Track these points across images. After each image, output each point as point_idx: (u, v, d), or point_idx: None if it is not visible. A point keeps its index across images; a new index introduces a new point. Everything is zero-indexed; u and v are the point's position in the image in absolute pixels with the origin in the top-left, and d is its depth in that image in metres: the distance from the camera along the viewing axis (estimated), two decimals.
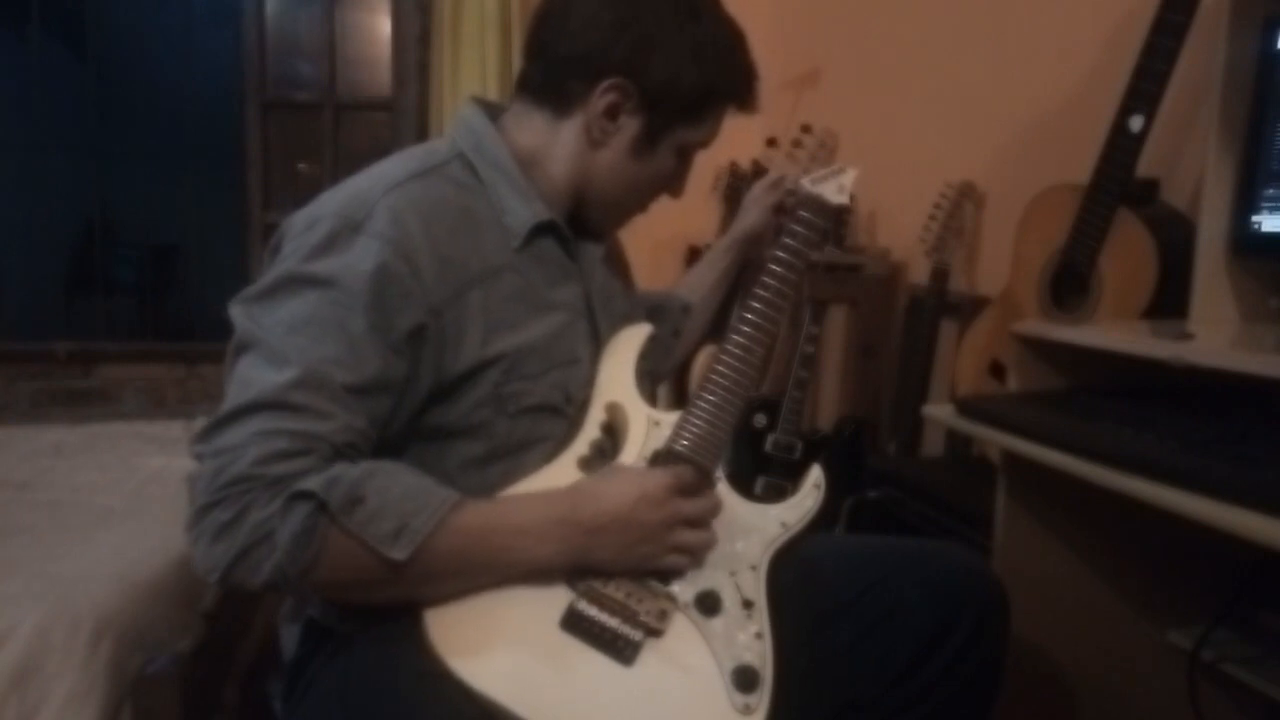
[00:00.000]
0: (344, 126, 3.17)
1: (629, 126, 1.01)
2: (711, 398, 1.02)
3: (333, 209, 0.92)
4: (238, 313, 0.90)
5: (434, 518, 0.84)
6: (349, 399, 0.87)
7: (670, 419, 1.02)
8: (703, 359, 1.13)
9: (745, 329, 1.08)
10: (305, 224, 0.92)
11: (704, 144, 1.08)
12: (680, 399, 1.07)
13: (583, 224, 1.08)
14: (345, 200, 0.93)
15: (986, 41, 2.12)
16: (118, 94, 4.76)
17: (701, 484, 0.98)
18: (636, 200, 1.09)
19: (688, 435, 1.00)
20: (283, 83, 3.18)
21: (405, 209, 0.92)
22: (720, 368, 1.05)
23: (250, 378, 0.86)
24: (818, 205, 1.14)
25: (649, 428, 1.01)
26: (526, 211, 1.01)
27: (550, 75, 1.02)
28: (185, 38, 4.78)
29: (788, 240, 1.12)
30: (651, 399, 1.08)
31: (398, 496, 0.84)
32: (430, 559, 0.84)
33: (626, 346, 1.07)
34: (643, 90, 0.99)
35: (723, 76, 1.03)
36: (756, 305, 1.09)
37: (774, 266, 1.11)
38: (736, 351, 1.06)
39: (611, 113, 1.00)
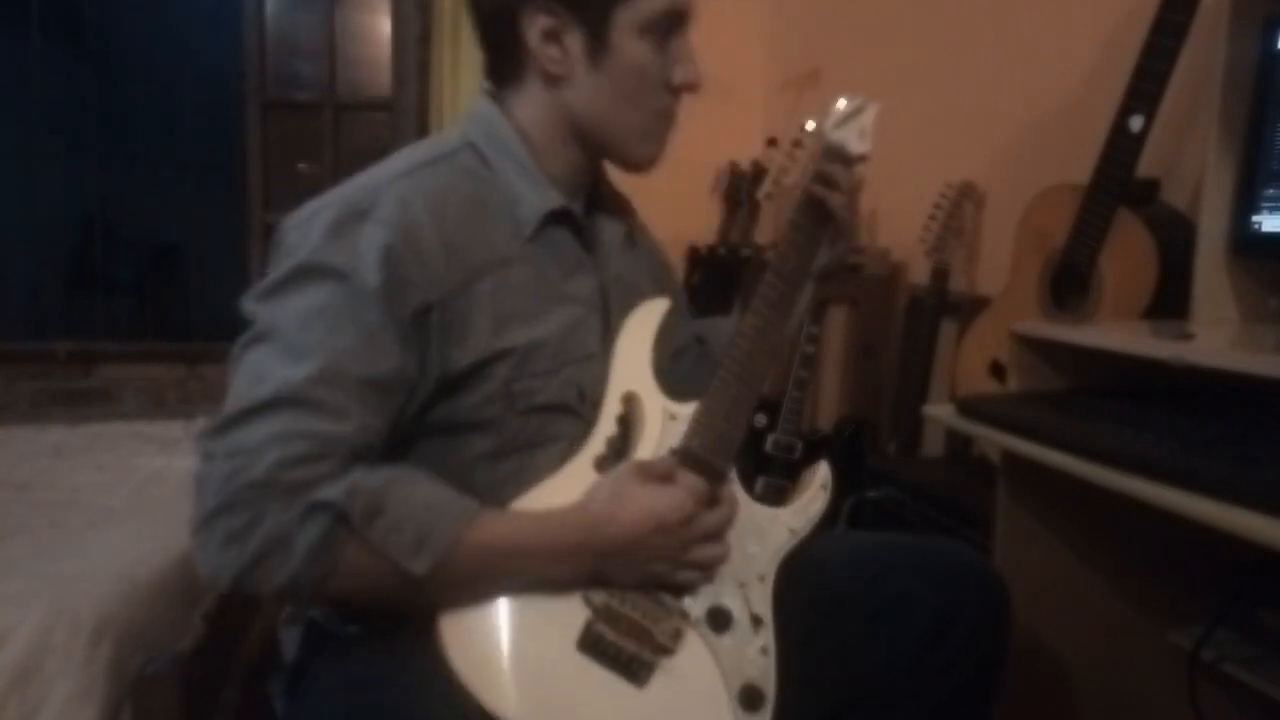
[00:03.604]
0: (344, 126, 3.16)
1: (574, 42, 0.96)
2: (729, 390, 0.98)
3: (337, 199, 0.91)
4: (251, 306, 0.88)
5: (453, 530, 0.84)
6: (366, 394, 0.85)
7: (686, 412, 0.98)
8: None
9: (755, 318, 1.01)
10: (309, 214, 0.91)
11: (662, 11, 0.96)
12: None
13: (624, 168, 1.04)
14: (351, 191, 0.92)
15: (986, 41, 2.12)
16: (118, 94, 4.75)
17: (717, 492, 0.96)
18: (637, 109, 0.99)
19: (704, 434, 0.97)
20: (283, 83, 3.17)
21: (412, 197, 0.91)
22: (735, 352, 1.00)
23: (265, 371, 0.83)
24: (838, 154, 1.06)
25: (665, 422, 0.97)
26: (538, 200, 0.99)
27: (491, 43, 1.00)
28: (185, 38, 4.77)
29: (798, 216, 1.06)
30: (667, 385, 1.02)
31: (417, 506, 0.84)
32: (448, 573, 0.84)
33: (642, 326, 1.02)
34: None
35: None
36: (769, 279, 1.03)
37: (786, 245, 1.05)
38: (750, 333, 1.01)
39: (552, 37, 0.96)
